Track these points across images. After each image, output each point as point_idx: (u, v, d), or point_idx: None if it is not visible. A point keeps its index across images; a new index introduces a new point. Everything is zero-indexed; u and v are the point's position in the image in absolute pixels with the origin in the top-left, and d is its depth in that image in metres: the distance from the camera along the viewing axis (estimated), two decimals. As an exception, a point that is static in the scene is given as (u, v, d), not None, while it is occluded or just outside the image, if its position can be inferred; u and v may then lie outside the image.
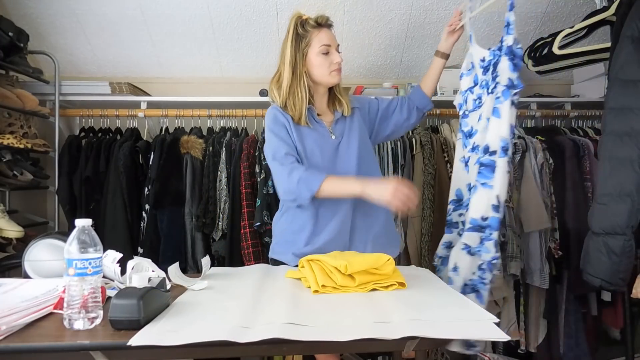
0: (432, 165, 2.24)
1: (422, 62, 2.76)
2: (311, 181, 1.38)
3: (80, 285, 0.85)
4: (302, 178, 1.39)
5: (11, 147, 2.06)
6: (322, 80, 1.54)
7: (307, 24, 1.51)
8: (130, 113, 2.39)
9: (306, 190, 1.38)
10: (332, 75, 1.52)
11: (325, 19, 1.53)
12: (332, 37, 1.54)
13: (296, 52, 1.51)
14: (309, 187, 1.38)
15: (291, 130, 1.50)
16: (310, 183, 1.38)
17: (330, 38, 1.53)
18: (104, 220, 2.18)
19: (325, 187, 1.38)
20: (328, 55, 1.51)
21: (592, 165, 2.29)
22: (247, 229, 2.12)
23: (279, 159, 1.45)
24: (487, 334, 0.82)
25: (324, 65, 1.51)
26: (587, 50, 1.82)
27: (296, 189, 1.39)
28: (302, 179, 1.38)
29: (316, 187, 1.37)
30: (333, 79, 1.53)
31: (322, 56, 1.50)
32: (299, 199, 1.42)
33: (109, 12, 2.41)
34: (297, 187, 1.39)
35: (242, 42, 2.59)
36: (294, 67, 1.51)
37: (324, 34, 1.51)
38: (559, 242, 2.23)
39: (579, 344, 2.24)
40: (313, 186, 1.38)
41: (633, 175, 1.41)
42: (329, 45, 1.51)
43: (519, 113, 2.55)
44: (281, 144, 1.47)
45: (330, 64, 1.51)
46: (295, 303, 1.00)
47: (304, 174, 1.39)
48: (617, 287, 1.49)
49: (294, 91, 1.52)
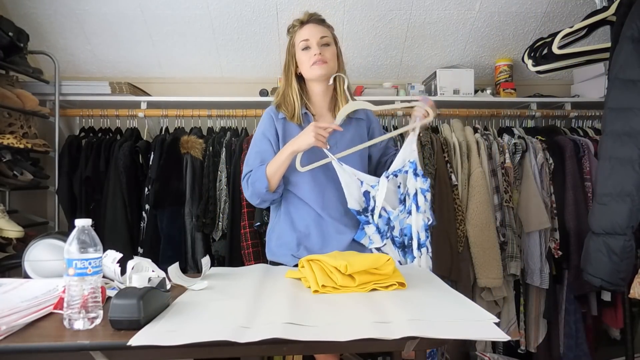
0: (432, 165, 2.23)
1: (422, 62, 2.76)
2: (258, 176, 1.47)
3: (80, 285, 0.85)
4: (251, 179, 1.49)
5: (11, 147, 2.06)
6: (307, 76, 1.53)
7: (293, 26, 1.53)
8: (130, 113, 2.39)
9: (260, 185, 1.46)
10: (312, 69, 1.50)
11: (308, 16, 1.52)
12: (315, 31, 1.50)
13: (288, 55, 1.55)
14: (261, 181, 1.46)
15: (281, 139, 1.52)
16: (259, 178, 1.47)
17: (311, 32, 1.50)
18: (104, 220, 2.18)
19: (270, 171, 1.46)
20: (309, 49, 1.50)
21: (592, 165, 2.29)
22: (247, 229, 2.12)
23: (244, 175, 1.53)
24: (487, 334, 0.82)
25: (304, 61, 1.51)
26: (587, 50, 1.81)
27: (254, 190, 1.48)
28: (252, 180, 1.49)
29: (264, 177, 1.46)
30: (314, 72, 1.50)
31: (303, 52, 1.51)
32: (261, 197, 1.49)
33: (109, 12, 2.41)
34: (254, 188, 1.48)
35: (242, 42, 2.59)
36: (286, 72, 1.56)
37: (305, 30, 1.51)
38: (559, 242, 2.24)
39: (579, 344, 2.24)
40: (261, 177, 1.46)
41: (633, 175, 1.41)
42: (307, 40, 1.50)
43: (519, 113, 2.55)
44: (254, 159, 1.53)
45: (309, 58, 1.50)
46: (295, 303, 1.00)
47: (252, 175, 1.49)
48: (617, 287, 1.49)
49: (287, 94, 1.56)
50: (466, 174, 2.27)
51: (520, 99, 2.61)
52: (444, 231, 2.17)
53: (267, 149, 1.53)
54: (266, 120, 1.56)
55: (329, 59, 1.50)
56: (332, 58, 1.51)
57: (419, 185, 1.44)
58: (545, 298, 2.26)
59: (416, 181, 1.45)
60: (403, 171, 1.49)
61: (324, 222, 1.50)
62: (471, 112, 2.50)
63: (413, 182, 1.45)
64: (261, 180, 1.46)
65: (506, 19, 2.57)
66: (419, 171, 1.46)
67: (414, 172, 1.46)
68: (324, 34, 1.51)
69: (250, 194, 1.52)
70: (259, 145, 1.54)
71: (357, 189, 1.50)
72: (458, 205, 2.21)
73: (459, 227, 2.20)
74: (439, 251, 2.16)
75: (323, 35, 1.51)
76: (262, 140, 1.54)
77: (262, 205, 1.60)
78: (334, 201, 1.51)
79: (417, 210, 1.44)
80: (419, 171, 1.46)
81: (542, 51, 1.90)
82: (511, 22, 2.59)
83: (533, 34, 2.63)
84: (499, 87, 2.64)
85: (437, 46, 2.68)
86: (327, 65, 1.49)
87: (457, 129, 2.37)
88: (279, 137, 1.53)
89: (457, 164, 2.28)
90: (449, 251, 2.16)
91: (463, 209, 2.22)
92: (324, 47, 1.50)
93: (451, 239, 2.17)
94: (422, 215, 1.44)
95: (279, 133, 1.54)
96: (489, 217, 2.18)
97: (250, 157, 1.55)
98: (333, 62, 1.52)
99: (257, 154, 1.53)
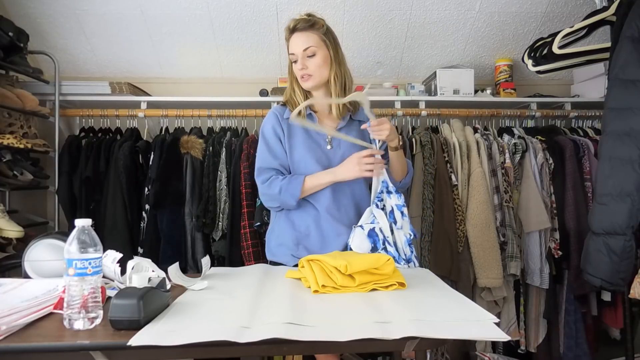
0: (432, 165, 2.24)
1: (422, 62, 2.76)
2: (292, 188, 1.46)
3: (80, 285, 0.85)
4: (283, 187, 1.47)
5: (11, 147, 2.06)
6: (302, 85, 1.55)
7: (285, 35, 1.53)
8: (130, 113, 2.39)
9: (289, 197, 1.46)
10: (302, 82, 1.52)
11: (293, 23, 1.50)
12: (299, 42, 1.48)
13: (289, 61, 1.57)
14: (292, 194, 1.46)
15: (286, 137, 1.53)
16: (291, 189, 1.46)
17: (295, 45, 1.49)
18: (104, 220, 2.18)
19: (306, 188, 1.47)
20: (296, 62, 1.51)
21: (592, 165, 2.29)
22: (247, 229, 2.12)
23: (259, 171, 1.52)
24: (487, 334, 0.82)
25: (296, 72, 1.53)
26: (587, 50, 1.81)
27: (279, 197, 1.47)
28: (283, 189, 1.46)
29: (298, 192, 1.45)
30: (303, 85, 1.53)
31: (293, 65, 1.53)
32: (283, 205, 1.50)
33: (109, 12, 2.41)
34: (280, 196, 1.47)
35: (242, 42, 2.59)
36: (290, 76, 1.58)
37: (291, 42, 1.51)
38: (559, 242, 2.24)
39: (579, 344, 2.24)
40: (295, 192, 1.46)
41: (633, 175, 1.41)
42: (293, 54, 1.51)
43: (519, 113, 2.55)
44: (267, 155, 1.53)
45: (297, 70, 1.51)
46: (295, 303, 0.99)
47: (284, 184, 1.47)
48: (617, 287, 1.49)
49: (291, 95, 1.58)
50: (466, 174, 2.27)
51: (520, 99, 2.61)
52: (444, 231, 2.17)
53: (279, 147, 1.53)
54: (273, 119, 1.56)
55: (314, 71, 1.49)
56: (317, 68, 1.49)
57: (393, 202, 1.47)
58: (545, 298, 2.26)
59: (390, 199, 1.47)
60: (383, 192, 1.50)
61: (324, 223, 1.50)
62: (471, 112, 2.51)
63: (389, 200, 1.47)
64: (294, 193, 1.46)
65: (506, 19, 2.57)
66: (391, 188, 1.49)
67: (387, 191, 1.48)
68: (308, 44, 1.48)
69: (270, 198, 1.50)
70: (272, 143, 1.53)
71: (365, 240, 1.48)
72: (458, 205, 2.21)
73: (459, 227, 2.20)
74: (439, 251, 2.16)
75: (307, 46, 1.48)
76: (274, 138, 1.54)
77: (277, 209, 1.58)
78: (337, 200, 1.51)
79: (396, 227, 1.45)
80: (391, 188, 1.49)
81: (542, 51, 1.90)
82: (511, 22, 2.59)
83: (533, 34, 2.63)
84: (499, 87, 2.65)
85: (437, 46, 2.68)
86: (313, 78, 1.50)
87: (457, 129, 2.37)
88: (285, 136, 1.53)
89: (457, 164, 2.28)
90: (449, 251, 2.16)
91: (463, 209, 2.22)
92: (308, 59, 1.49)
93: (451, 239, 2.17)
94: (402, 232, 1.45)
95: (284, 132, 1.54)
96: (489, 217, 2.18)
97: (264, 154, 1.53)
98: (318, 72, 1.50)
99: (270, 151, 1.53)
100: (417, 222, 2.23)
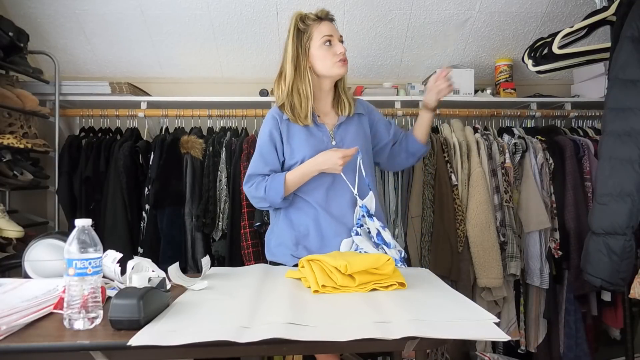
0: (432, 165, 2.24)
1: (422, 62, 2.76)
2: (275, 185, 1.47)
3: (80, 285, 0.85)
4: (267, 186, 1.49)
5: (11, 147, 2.06)
6: (327, 72, 1.51)
7: (308, 19, 1.50)
8: (130, 113, 2.39)
9: (274, 194, 1.48)
10: (336, 66, 1.50)
11: (325, 13, 1.52)
12: (334, 28, 1.52)
13: (298, 48, 1.50)
14: (276, 190, 1.47)
15: (285, 141, 1.51)
16: (275, 186, 1.47)
17: (332, 29, 1.51)
18: (104, 220, 2.18)
19: (290, 183, 1.47)
20: (331, 46, 1.50)
21: (592, 165, 2.29)
22: (247, 229, 2.12)
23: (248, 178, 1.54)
24: (487, 334, 0.82)
25: (327, 57, 1.49)
26: (587, 50, 1.81)
27: (266, 196, 1.49)
28: (268, 187, 1.48)
29: (281, 188, 1.47)
30: (339, 70, 1.51)
31: (324, 47, 1.49)
32: (273, 204, 1.52)
33: (109, 12, 2.41)
34: (267, 195, 1.49)
35: (242, 42, 2.59)
36: (296, 64, 1.50)
37: (325, 26, 1.50)
38: (559, 242, 2.24)
39: (579, 344, 2.24)
40: (279, 188, 1.47)
41: (633, 175, 1.41)
42: (331, 36, 1.50)
43: (519, 113, 2.55)
44: (258, 162, 1.53)
45: (333, 55, 1.49)
46: (295, 303, 1.00)
47: (268, 183, 1.49)
48: (617, 287, 1.49)
49: (298, 88, 1.51)
50: (466, 174, 2.27)
51: (520, 99, 2.61)
52: (444, 231, 2.17)
53: (272, 153, 1.52)
54: (271, 122, 1.54)
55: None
56: None
57: (377, 225, 1.48)
58: (545, 298, 2.26)
59: (374, 221, 1.49)
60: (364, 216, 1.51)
61: (323, 222, 1.50)
62: (471, 112, 2.50)
63: (372, 224, 1.48)
64: (277, 190, 1.47)
65: (506, 19, 2.57)
66: (371, 212, 1.50)
67: (368, 214, 1.49)
68: (340, 34, 1.54)
69: (259, 200, 1.52)
70: (265, 149, 1.53)
71: None
72: (458, 205, 2.21)
73: (459, 227, 2.20)
74: (439, 251, 2.16)
75: (340, 34, 1.54)
76: (268, 144, 1.53)
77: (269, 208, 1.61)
78: (336, 199, 1.51)
79: (388, 247, 1.45)
80: (371, 212, 1.50)
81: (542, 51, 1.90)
82: (511, 22, 2.59)
83: (533, 34, 2.63)
84: (499, 87, 2.64)
85: (437, 46, 2.68)
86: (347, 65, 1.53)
87: (457, 128, 2.37)
88: (283, 140, 1.53)
89: (457, 163, 2.28)
90: (449, 251, 2.16)
91: (463, 209, 2.22)
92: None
93: (451, 239, 2.17)
94: (394, 250, 1.45)
95: (283, 135, 1.53)
96: (489, 217, 2.18)
97: (255, 161, 1.55)
98: None
99: (262, 157, 1.53)
100: (417, 222, 2.23)
